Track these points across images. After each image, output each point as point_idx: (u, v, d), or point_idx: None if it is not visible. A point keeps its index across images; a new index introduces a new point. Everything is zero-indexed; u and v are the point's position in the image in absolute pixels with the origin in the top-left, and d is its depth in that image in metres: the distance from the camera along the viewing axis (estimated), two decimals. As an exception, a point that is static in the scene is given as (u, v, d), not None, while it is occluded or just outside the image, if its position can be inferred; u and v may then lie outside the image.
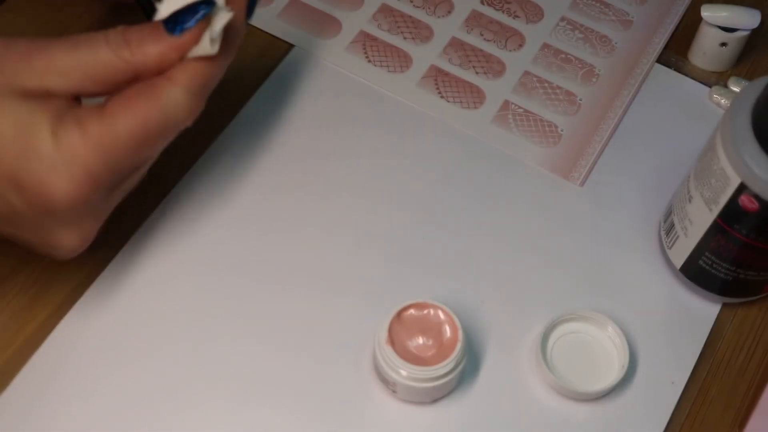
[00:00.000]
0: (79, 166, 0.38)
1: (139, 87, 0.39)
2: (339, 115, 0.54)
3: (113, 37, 0.38)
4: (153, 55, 0.38)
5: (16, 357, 0.45)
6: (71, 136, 0.38)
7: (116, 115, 0.38)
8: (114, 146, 0.38)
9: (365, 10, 0.58)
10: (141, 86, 0.39)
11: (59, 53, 0.38)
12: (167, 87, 0.39)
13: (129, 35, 0.38)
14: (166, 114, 0.39)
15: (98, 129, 0.38)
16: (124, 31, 0.38)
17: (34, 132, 0.37)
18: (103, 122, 0.38)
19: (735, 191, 0.42)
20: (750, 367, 0.48)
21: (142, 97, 0.38)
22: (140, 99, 0.38)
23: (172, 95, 0.39)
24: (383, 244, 0.49)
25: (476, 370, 0.46)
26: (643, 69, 0.57)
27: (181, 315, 0.46)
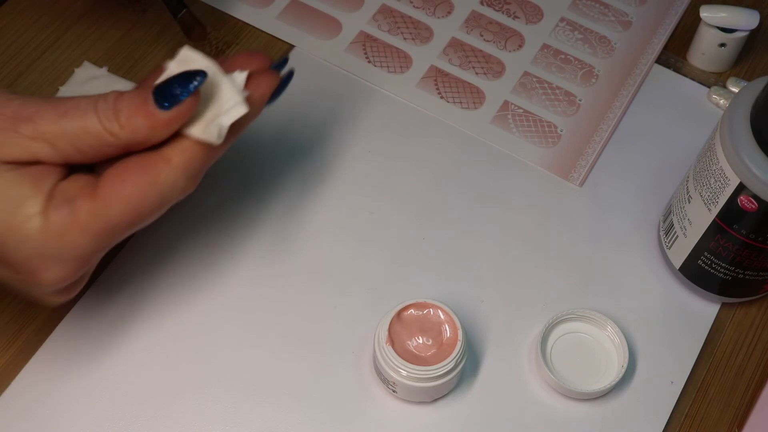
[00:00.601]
0: (69, 251, 0.36)
1: (133, 165, 0.37)
2: (339, 116, 0.54)
3: (102, 107, 0.36)
4: (142, 130, 0.36)
5: (16, 358, 0.45)
6: (62, 220, 0.36)
7: (109, 199, 0.36)
8: (106, 233, 0.37)
9: (365, 10, 0.58)
10: (135, 164, 0.37)
11: (46, 122, 0.36)
12: (164, 170, 0.37)
13: (119, 105, 0.36)
14: (161, 196, 0.37)
15: (90, 214, 0.36)
16: (115, 101, 0.36)
17: (20, 208, 0.36)
18: (96, 205, 0.36)
19: (734, 191, 0.42)
20: (749, 367, 0.48)
21: (137, 178, 0.37)
22: (135, 180, 0.36)
23: (170, 178, 0.37)
24: (383, 244, 0.49)
25: (476, 370, 0.46)
26: (642, 69, 0.57)
27: (181, 315, 0.46)
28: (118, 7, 0.56)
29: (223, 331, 0.46)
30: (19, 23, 0.55)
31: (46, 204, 0.36)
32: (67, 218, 0.36)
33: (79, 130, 0.36)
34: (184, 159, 0.37)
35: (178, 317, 0.46)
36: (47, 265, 0.37)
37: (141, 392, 0.44)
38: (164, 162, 0.37)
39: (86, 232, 0.36)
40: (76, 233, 0.36)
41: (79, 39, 0.55)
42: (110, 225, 0.37)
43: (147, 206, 0.37)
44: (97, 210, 0.36)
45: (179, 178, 0.37)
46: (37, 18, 0.56)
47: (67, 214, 0.36)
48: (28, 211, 0.36)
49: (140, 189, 0.37)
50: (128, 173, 0.37)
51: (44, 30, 0.55)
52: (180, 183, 0.37)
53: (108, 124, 0.36)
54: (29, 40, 0.55)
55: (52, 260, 0.36)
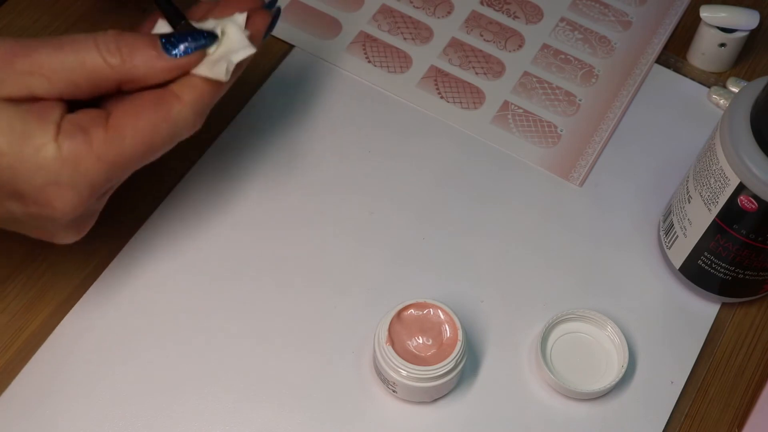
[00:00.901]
0: (83, 178, 0.37)
1: (146, 100, 0.38)
2: (339, 116, 0.54)
3: (103, 41, 0.37)
4: (142, 68, 0.37)
5: (17, 357, 0.45)
6: (76, 148, 0.36)
7: (124, 130, 0.37)
8: (120, 161, 0.38)
9: (365, 10, 0.58)
10: (148, 99, 0.38)
11: (43, 56, 0.36)
12: (176, 105, 0.38)
13: (122, 42, 0.37)
14: (172, 131, 0.39)
15: (105, 143, 0.37)
16: (117, 37, 0.37)
17: (30, 139, 0.36)
18: (110, 136, 0.37)
19: (734, 191, 0.42)
20: (749, 367, 0.48)
21: (151, 112, 0.38)
22: (148, 114, 0.38)
23: (182, 114, 0.38)
24: (383, 243, 0.49)
25: (476, 370, 0.46)
26: (642, 69, 0.57)
27: (180, 315, 0.46)
28: (118, 7, 0.56)
29: (223, 331, 0.46)
30: (19, 23, 0.55)
31: (56, 133, 0.36)
32: (81, 146, 0.36)
33: (77, 62, 0.37)
34: (194, 96, 0.39)
35: (177, 317, 0.46)
36: (61, 193, 0.37)
37: (141, 392, 0.44)
38: (176, 98, 0.38)
39: (101, 160, 0.37)
40: (91, 160, 0.37)
41: (79, 39, 0.55)
42: (124, 155, 0.37)
43: (159, 140, 0.38)
44: (111, 139, 0.37)
45: (189, 113, 0.39)
46: (37, 18, 0.56)
47: (82, 142, 0.36)
48: (39, 141, 0.36)
49: (153, 122, 0.38)
50: (142, 107, 0.38)
51: (44, 30, 0.55)
52: (190, 118, 0.39)
53: (107, 56, 0.37)
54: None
55: (66, 187, 0.37)
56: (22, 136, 0.36)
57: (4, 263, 0.47)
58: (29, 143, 0.36)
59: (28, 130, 0.36)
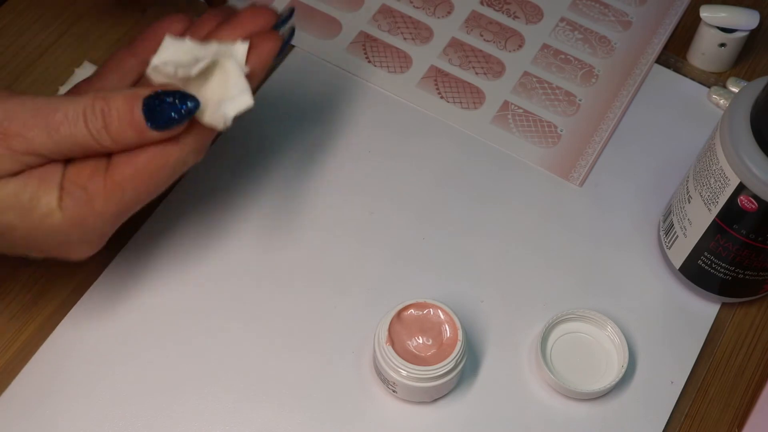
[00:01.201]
0: (92, 233, 0.39)
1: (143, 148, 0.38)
2: (339, 115, 0.54)
3: (91, 119, 0.37)
4: (134, 144, 0.38)
5: (17, 357, 0.45)
6: (79, 209, 0.38)
7: (123, 184, 0.38)
8: (123, 211, 0.39)
9: (365, 10, 0.58)
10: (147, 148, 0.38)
11: (37, 137, 0.37)
12: (174, 150, 0.38)
13: (108, 120, 0.37)
14: (173, 174, 0.39)
15: (106, 200, 0.38)
16: (103, 113, 0.37)
17: (36, 208, 0.37)
18: (109, 192, 0.38)
19: (734, 191, 0.42)
20: (749, 367, 0.48)
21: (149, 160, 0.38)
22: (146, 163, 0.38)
23: (180, 157, 0.39)
24: (383, 243, 0.49)
25: (476, 370, 0.46)
26: (642, 69, 0.57)
27: (180, 315, 0.46)
28: (118, 7, 0.56)
29: (223, 331, 0.46)
30: (20, 23, 0.55)
31: (60, 196, 0.38)
32: (83, 206, 0.38)
33: (71, 142, 0.37)
34: (193, 139, 0.39)
35: (177, 317, 0.46)
36: (75, 248, 0.40)
37: (141, 392, 0.44)
38: (174, 144, 0.38)
39: (104, 216, 0.38)
40: (95, 218, 0.38)
41: (79, 39, 0.55)
42: (125, 206, 0.39)
43: (159, 183, 0.39)
44: (111, 194, 0.38)
45: (189, 155, 0.39)
46: (37, 18, 0.56)
47: (84, 202, 0.38)
48: (45, 210, 0.37)
49: (152, 170, 0.38)
50: (139, 157, 0.38)
51: (44, 30, 0.55)
52: (190, 158, 0.40)
53: (98, 136, 0.38)
54: (29, 40, 0.55)
55: (78, 244, 0.39)
56: (29, 207, 0.37)
57: (4, 263, 0.47)
58: (36, 212, 0.37)
59: (34, 200, 0.37)
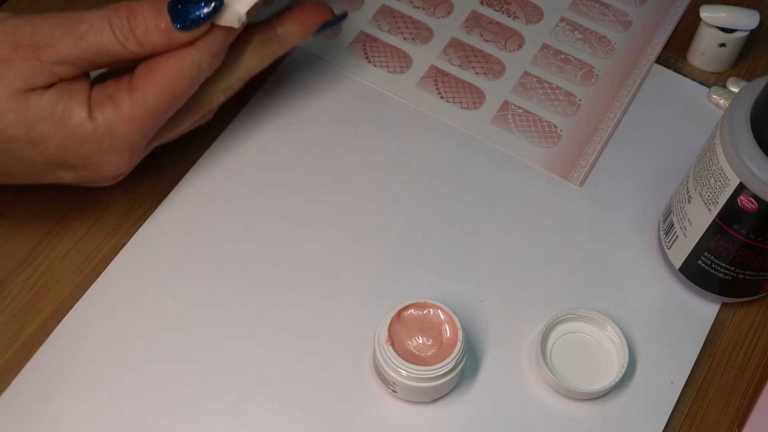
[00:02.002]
0: (122, 142, 0.41)
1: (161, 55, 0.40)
2: (339, 116, 0.54)
3: (117, 25, 0.39)
4: (160, 47, 0.40)
5: (17, 357, 0.45)
6: (108, 116, 0.40)
7: (145, 87, 0.40)
8: (149, 117, 0.41)
9: (365, 10, 0.58)
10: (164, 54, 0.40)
11: (66, 47, 0.39)
12: (190, 53, 0.41)
13: (134, 24, 0.39)
14: (191, 77, 0.41)
15: (131, 105, 0.40)
16: (129, 18, 0.39)
17: (69, 118, 0.40)
18: (134, 98, 0.40)
19: (734, 191, 0.42)
20: (749, 367, 0.48)
21: (167, 64, 0.40)
22: (165, 67, 0.40)
23: (196, 60, 0.41)
24: (383, 243, 0.49)
25: (476, 370, 0.46)
26: (642, 69, 0.57)
27: (180, 314, 0.46)
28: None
29: (223, 331, 0.46)
30: (19, 23, 0.55)
31: (89, 107, 0.40)
32: (111, 113, 0.40)
33: (97, 48, 0.40)
34: (208, 42, 0.41)
35: (177, 317, 0.46)
36: (106, 158, 0.41)
37: (141, 392, 0.44)
38: (190, 46, 0.40)
39: (132, 121, 0.41)
40: (124, 124, 0.41)
41: (79, 39, 0.55)
42: (151, 109, 0.41)
43: (179, 87, 0.41)
44: (136, 99, 0.41)
45: (204, 58, 0.41)
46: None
47: (111, 110, 0.40)
48: (77, 119, 0.40)
49: (172, 75, 0.41)
50: (158, 61, 0.41)
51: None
52: (205, 62, 0.41)
53: (126, 42, 0.40)
54: (29, 40, 0.55)
55: (108, 152, 0.41)
56: (63, 117, 0.40)
57: (4, 263, 0.47)
58: (70, 122, 0.40)
59: (68, 111, 0.40)
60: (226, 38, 0.42)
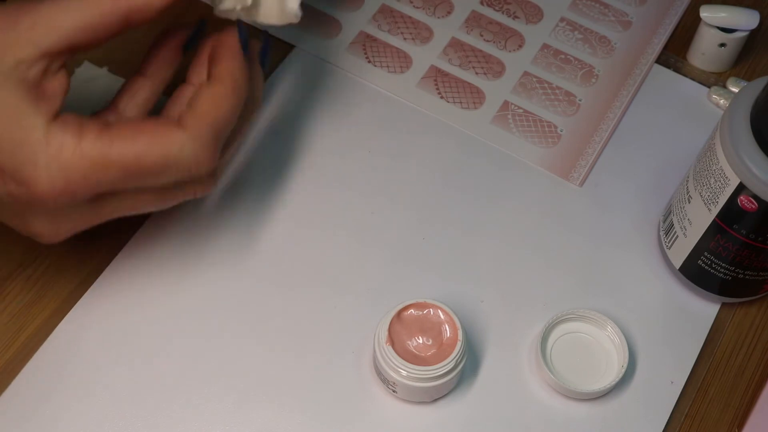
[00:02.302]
0: (60, 169, 0.37)
1: (148, 121, 0.38)
2: (339, 115, 0.54)
3: None
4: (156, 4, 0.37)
5: (17, 357, 0.45)
6: (64, 139, 0.37)
7: (115, 140, 0.37)
8: (101, 168, 0.37)
9: (365, 10, 0.58)
10: (151, 122, 0.38)
11: (45, 7, 0.36)
12: (176, 132, 0.38)
13: None
14: (165, 156, 0.38)
15: (93, 144, 0.37)
16: None
17: (22, 117, 0.36)
18: (101, 140, 0.37)
19: (734, 191, 0.42)
20: (749, 367, 0.48)
21: (148, 132, 0.38)
22: (145, 133, 0.38)
23: (177, 140, 0.38)
24: (383, 244, 0.49)
25: (476, 370, 0.46)
26: (642, 69, 0.57)
27: (180, 315, 0.46)
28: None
29: (223, 331, 0.46)
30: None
31: (51, 118, 0.37)
32: (69, 137, 0.37)
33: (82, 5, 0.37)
34: (198, 126, 0.38)
35: (177, 317, 0.46)
36: (37, 174, 0.37)
37: (141, 392, 0.44)
38: (176, 124, 0.38)
39: (83, 157, 0.37)
40: (73, 154, 0.37)
41: (79, 39, 0.55)
42: (107, 160, 0.37)
43: (150, 160, 0.38)
44: (99, 141, 0.37)
45: (188, 140, 0.38)
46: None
47: (72, 134, 0.37)
48: (30, 121, 0.36)
49: (148, 140, 0.37)
50: (141, 124, 0.38)
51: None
52: (189, 148, 0.38)
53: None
54: (29, 40, 0.55)
55: (42, 170, 0.37)
56: (16, 112, 0.36)
57: (4, 263, 0.47)
58: (20, 120, 0.36)
59: (22, 108, 0.36)
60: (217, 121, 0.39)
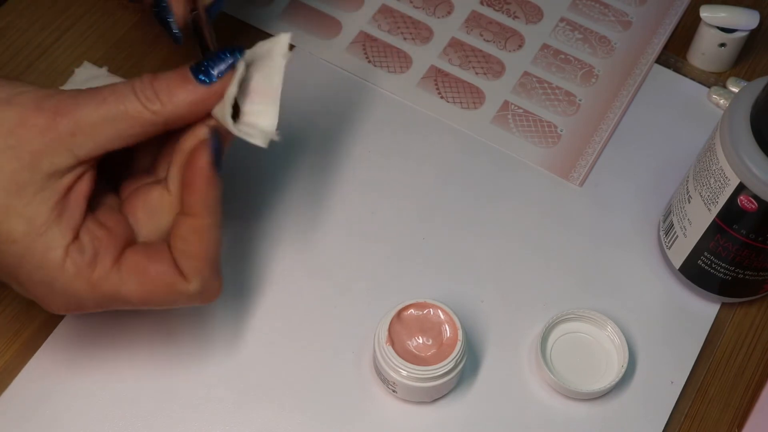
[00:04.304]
0: (73, 295, 0.38)
1: (159, 266, 0.38)
2: (339, 116, 0.54)
3: (140, 88, 0.37)
4: (184, 105, 0.38)
5: (17, 357, 0.45)
6: (79, 266, 0.37)
7: (127, 276, 0.38)
8: (112, 299, 0.38)
9: (365, 10, 0.58)
10: (161, 267, 0.38)
11: (85, 112, 0.37)
12: (179, 282, 0.38)
13: (158, 85, 0.37)
14: (174, 301, 0.39)
15: (105, 277, 0.38)
16: (152, 81, 0.37)
17: (45, 238, 0.37)
18: (114, 276, 0.38)
19: (734, 191, 0.42)
20: (749, 367, 0.48)
21: (157, 277, 0.38)
22: (154, 278, 0.38)
23: (183, 290, 0.39)
24: (383, 243, 0.49)
25: (476, 370, 0.46)
26: (642, 69, 0.57)
27: (180, 314, 0.46)
28: (118, 7, 0.56)
29: (222, 331, 0.46)
30: (20, 23, 0.55)
31: (71, 240, 0.37)
32: (84, 267, 0.37)
33: (120, 113, 0.37)
34: (196, 266, 0.39)
35: (177, 317, 0.46)
36: (53, 297, 0.38)
37: (141, 392, 0.44)
38: (179, 275, 0.38)
39: (95, 289, 0.38)
40: (86, 285, 0.38)
41: (79, 39, 0.55)
42: (117, 296, 0.38)
43: (157, 300, 0.39)
44: (111, 278, 0.38)
45: (193, 287, 0.39)
46: (37, 18, 0.56)
47: (87, 264, 0.37)
48: (52, 243, 0.37)
49: (155, 288, 0.38)
50: (150, 269, 0.38)
51: (44, 30, 0.55)
52: (194, 292, 0.39)
53: (148, 103, 0.37)
54: (29, 40, 0.55)
55: (57, 294, 0.38)
56: (39, 232, 0.36)
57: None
58: (43, 241, 0.37)
59: (48, 229, 0.37)
60: (209, 251, 0.39)
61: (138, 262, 0.38)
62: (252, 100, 0.39)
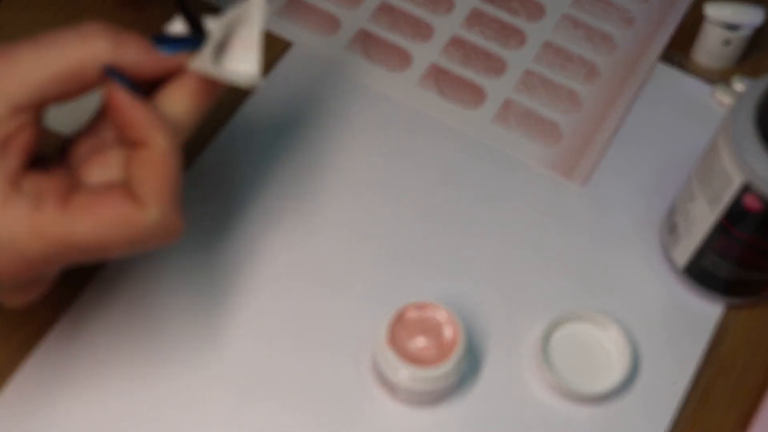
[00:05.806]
0: (12, 245, 0.34)
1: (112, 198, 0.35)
2: (338, 114, 0.53)
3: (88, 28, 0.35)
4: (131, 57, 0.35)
5: (15, 358, 0.45)
6: (20, 212, 0.34)
7: (76, 217, 0.34)
8: (62, 245, 0.34)
9: (365, 8, 0.58)
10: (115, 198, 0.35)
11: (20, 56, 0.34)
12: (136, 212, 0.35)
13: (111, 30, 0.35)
14: (131, 238, 0.35)
15: (52, 221, 0.34)
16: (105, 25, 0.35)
17: None
18: (61, 217, 0.34)
19: (738, 191, 0.42)
20: (753, 369, 0.47)
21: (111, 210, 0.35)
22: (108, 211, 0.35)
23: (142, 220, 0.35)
24: (383, 244, 0.49)
25: (477, 371, 0.46)
26: (645, 67, 0.57)
27: (180, 314, 0.46)
28: (116, 7, 0.56)
29: (222, 331, 0.46)
30: (17, 23, 0.55)
31: (9, 192, 0.34)
32: (25, 212, 0.34)
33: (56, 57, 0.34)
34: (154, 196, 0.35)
35: (177, 317, 0.46)
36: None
37: (140, 392, 0.44)
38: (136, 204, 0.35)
39: (40, 237, 0.34)
40: (28, 232, 0.34)
41: (78, 37, 0.55)
42: (68, 241, 0.34)
43: (113, 240, 0.35)
44: (59, 221, 0.34)
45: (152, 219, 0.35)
46: (35, 18, 0.56)
47: (29, 209, 0.34)
48: None
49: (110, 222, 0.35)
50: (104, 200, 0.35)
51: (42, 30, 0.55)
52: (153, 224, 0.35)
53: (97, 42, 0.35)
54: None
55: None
56: None
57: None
58: None
59: None
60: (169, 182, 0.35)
61: (88, 198, 0.35)
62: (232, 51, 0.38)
